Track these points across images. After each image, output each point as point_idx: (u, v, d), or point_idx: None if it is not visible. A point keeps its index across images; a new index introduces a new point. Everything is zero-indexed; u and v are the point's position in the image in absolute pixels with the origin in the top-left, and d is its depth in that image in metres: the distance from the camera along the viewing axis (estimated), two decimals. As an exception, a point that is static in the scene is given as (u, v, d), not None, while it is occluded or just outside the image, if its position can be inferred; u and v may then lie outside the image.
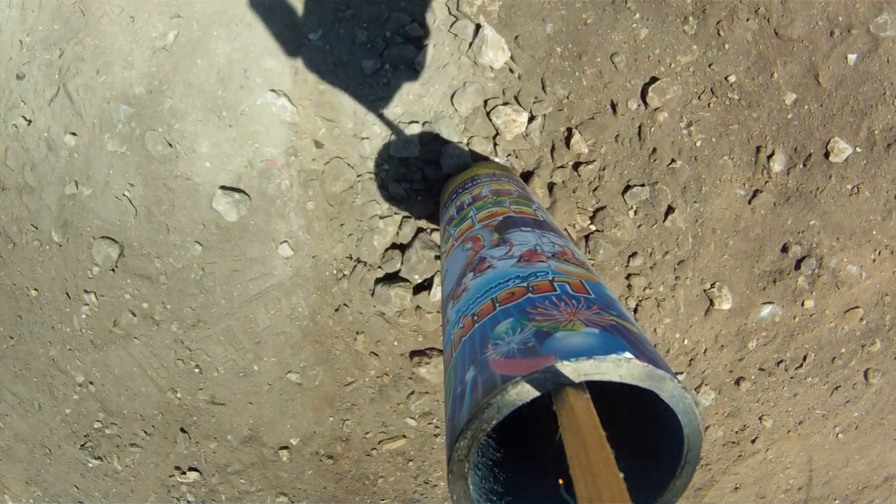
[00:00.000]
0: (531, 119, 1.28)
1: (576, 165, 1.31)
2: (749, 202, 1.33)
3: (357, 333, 1.47)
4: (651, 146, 1.30)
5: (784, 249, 1.37)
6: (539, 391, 0.42)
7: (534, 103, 1.28)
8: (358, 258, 1.40)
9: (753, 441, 1.61)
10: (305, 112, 1.29)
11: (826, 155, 1.27)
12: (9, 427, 1.78)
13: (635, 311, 1.43)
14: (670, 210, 1.34)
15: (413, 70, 1.25)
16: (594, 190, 1.33)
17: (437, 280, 1.37)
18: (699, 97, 1.26)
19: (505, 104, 1.27)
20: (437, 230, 1.36)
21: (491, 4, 1.23)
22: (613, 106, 1.28)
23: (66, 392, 1.66)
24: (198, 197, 1.37)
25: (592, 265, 1.39)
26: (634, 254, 1.38)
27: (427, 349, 1.48)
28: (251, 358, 1.52)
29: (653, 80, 1.24)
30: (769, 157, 1.29)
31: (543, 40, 1.24)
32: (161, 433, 1.66)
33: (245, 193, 1.36)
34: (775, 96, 1.25)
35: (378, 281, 1.40)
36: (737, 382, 1.52)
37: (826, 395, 1.54)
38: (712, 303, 1.42)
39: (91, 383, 1.63)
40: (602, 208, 1.34)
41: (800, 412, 1.57)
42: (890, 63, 1.20)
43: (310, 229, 1.38)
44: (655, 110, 1.27)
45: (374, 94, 1.27)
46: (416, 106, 1.28)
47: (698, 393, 1.53)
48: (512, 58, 1.25)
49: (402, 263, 1.37)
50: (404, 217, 1.36)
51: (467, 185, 1.07)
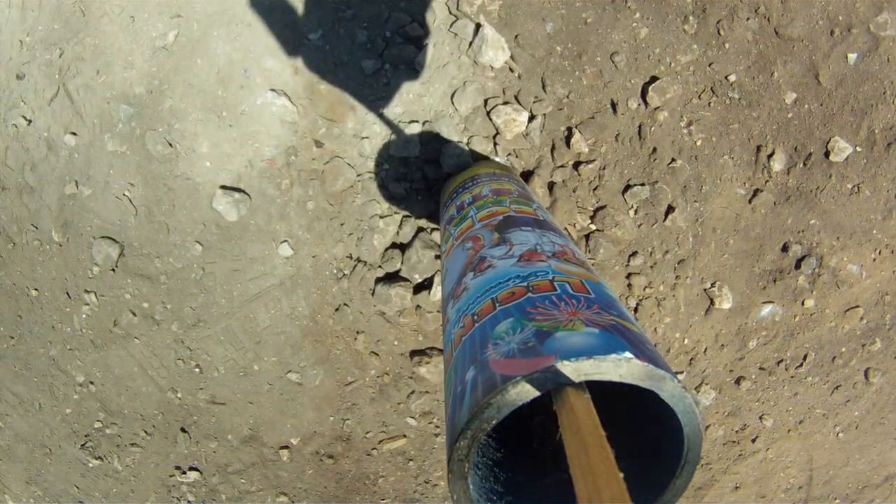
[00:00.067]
0: (531, 118, 1.28)
1: (576, 165, 1.31)
2: (749, 201, 1.33)
3: (357, 333, 1.47)
4: (651, 145, 1.30)
5: (784, 249, 1.37)
6: (539, 391, 0.42)
7: (534, 102, 1.28)
8: (358, 258, 1.40)
9: (754, 440, 1.61)
10: (305, 112, 1.29)
11: (826, 154, 1.27)
12: (9, 427, 1.78)
13: (635, 311, 1.43)
14: (670, 209, 1.34)
15: (413, 70, 1.25)
16: (594, 189, 1.33)
17: (438, 279, 1.37)
18: (699, 96, 1.26)
19: (505, 103, 1.27)
20: (438, 229, 1.36)
21: (491, 4, 1.23)
22: (613, 105, 1.28)
23: (67, 392, 1.67)
24: (198, 197, 1.37)
25: (593, 264, 1.39)
26: (635, 253, 1.38)
27: (427, 349, 1.48)
28: (251, 357, 1.52)
29: (653, 80, 1.24)
30: (769, 157, 1.29)
31: (543, 39, 1.24)
32: (161, 433, 1.66)
33: (245, 193, 1.36)
34: (775, 95, 1.25)
35: (378, 280, 1.40)
36: (737, 382, 1.52)
37: (826, 395, 1.54)
38: (713, 302, 1.42)
39: (91, 383, 1.63)
40: (602, 207, 1.34)
41: (800, 411, 1.57)
42: (890, 62, 1.20)
43: (310, 229, 1.38)
44: (655, 109, 1.27)
45: (374, 94, 1.27)
46: (417, 105, 1.28)
47: (698, 392, 1.53)
48: (512, 57, 1.25)
49: (403, 263, 1.37)
50: (404, 216, 1.36)
51: (467, 185, 1.07)
